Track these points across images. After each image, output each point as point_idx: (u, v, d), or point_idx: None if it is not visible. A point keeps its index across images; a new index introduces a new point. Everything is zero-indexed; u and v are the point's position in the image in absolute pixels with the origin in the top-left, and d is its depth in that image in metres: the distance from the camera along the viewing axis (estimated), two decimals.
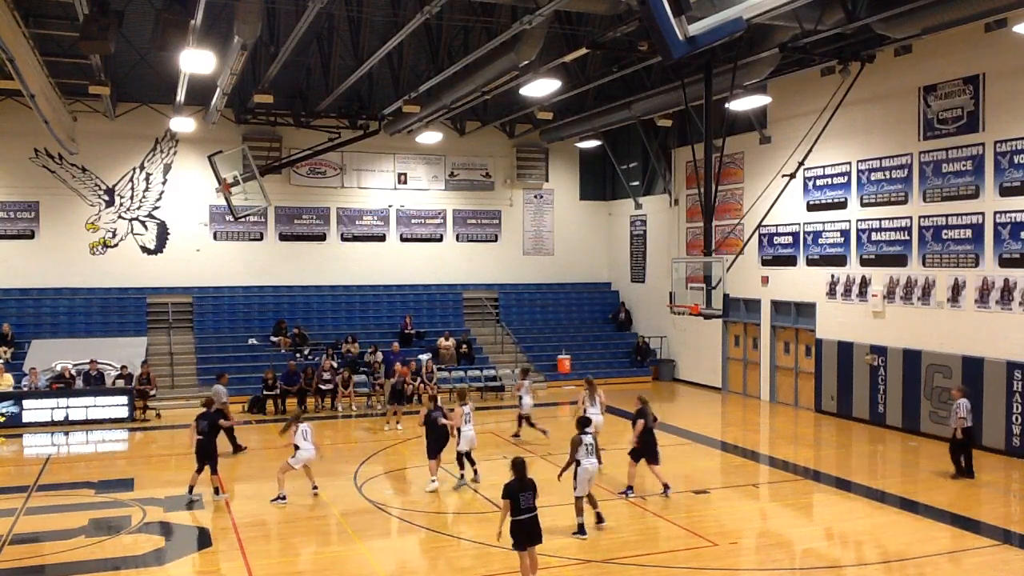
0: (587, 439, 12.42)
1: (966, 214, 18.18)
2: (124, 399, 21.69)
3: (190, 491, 14.26)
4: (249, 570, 11.08)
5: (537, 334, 29.18)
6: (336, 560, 11.59)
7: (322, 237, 28.46)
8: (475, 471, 15.32)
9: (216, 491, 14.40)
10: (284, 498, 14.08)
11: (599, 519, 12.63)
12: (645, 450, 14.41)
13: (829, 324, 21.74)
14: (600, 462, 12.67)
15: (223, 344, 26.06)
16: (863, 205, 20.71)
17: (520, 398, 18.89)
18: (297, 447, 14.18)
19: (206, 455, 14.26)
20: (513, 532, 10.08)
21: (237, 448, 18.03)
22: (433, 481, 14.92)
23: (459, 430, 15.13)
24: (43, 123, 19.78)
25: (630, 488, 14.37)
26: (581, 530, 12.21)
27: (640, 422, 14.38)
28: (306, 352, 25.32)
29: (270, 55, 20.10)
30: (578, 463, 12.25)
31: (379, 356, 24.69)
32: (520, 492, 10.09)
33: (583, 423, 12.70)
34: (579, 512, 12.27)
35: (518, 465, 10.30)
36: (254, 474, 16.38)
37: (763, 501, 14.75)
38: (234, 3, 14.73)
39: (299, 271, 28.16)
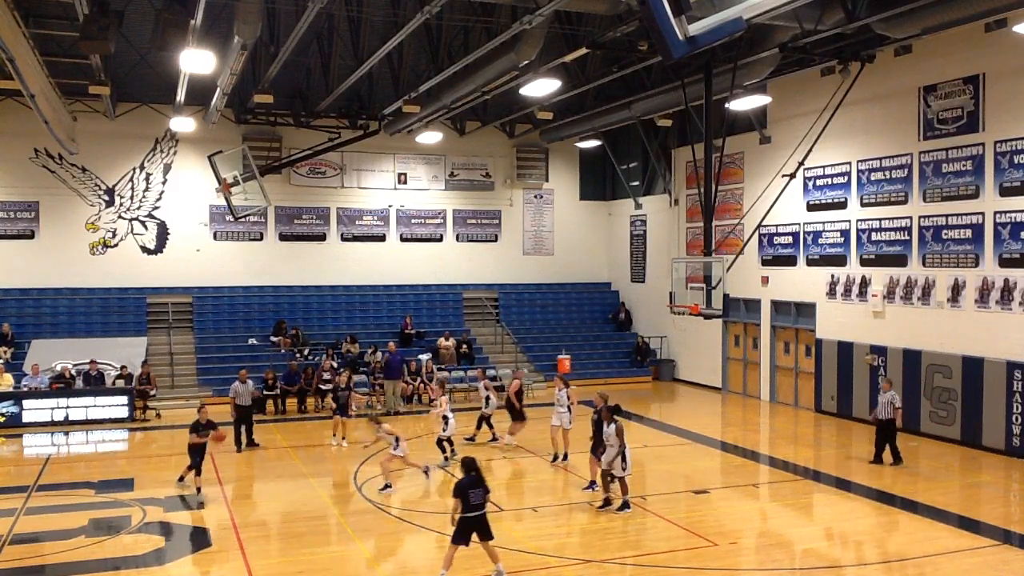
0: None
1: (966, 214, 18.18)
2: (124, 399, 21.69)
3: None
4: (249, 570, 11.08)
5: (537, 334, 29.18)
6: (336, 560, 11.59)
7: (322, 237, 28.47)
8: (452, 450, 16.96)
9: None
10: (428, 470, 15.37)
11: (609, 502, 13.55)
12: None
13: (829, 324, 21.74)
14: None
15: (223, 344, 26.06)
16: (863, 205, 20.71)
17: (487, 399, 18.50)
18: (446, 417, 16.62)
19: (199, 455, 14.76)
20: (460, 527, 10.48)
21: (251, 444, 18.27)
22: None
23: (446, 417, 16.71)
24: (43, 123, 19.77)
25: (593, 483, 14.79)
26: (627, 505, 13.39)
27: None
28: (306, 352, 25.33)
29: (270, 55, 20.10)
30: (625, 447, 13.32)
31: (379, 356, 24.72)
32: (470, 489, 10.41)
33: (617, 410, 13.69)
34: (626, 491, 13.43)
35: (468, 464, 10.71)
36: (255, 474, 16.38)
37: (763, 501, 14.75)
38: (234, 3, 14.73)
39: (299, 271, 28.17)
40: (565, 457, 16.66)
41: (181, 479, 15.11)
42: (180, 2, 14.82)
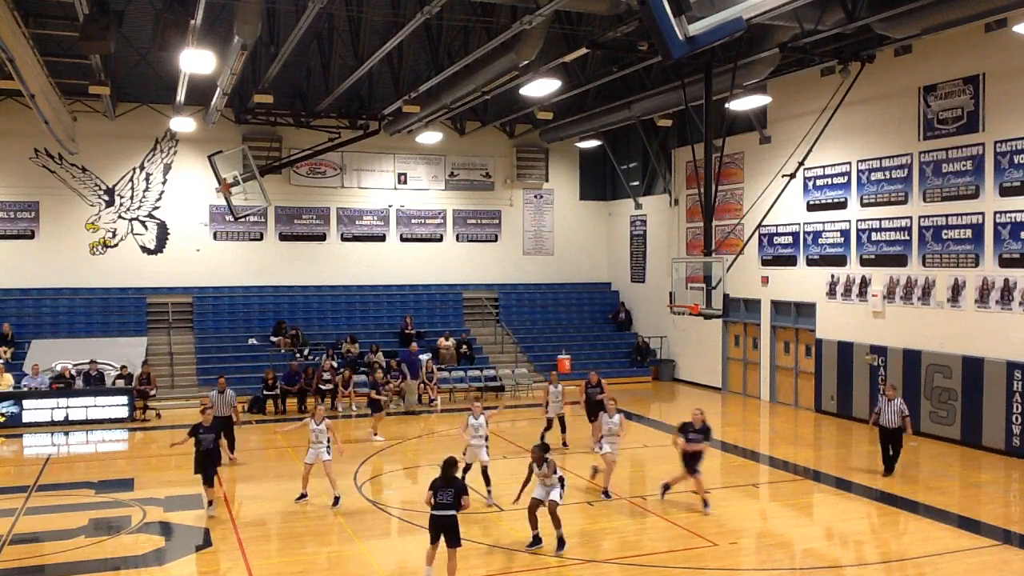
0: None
1: (966, 214, 18.18)
2: (124, 399, 21.70)
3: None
4: (249, 570, 11.08)
5: (537, 334, 29.18)
6: (336, 560, 11.59)
7: (322, 237, 28.47)
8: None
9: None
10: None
11: (537, 540, 11.97)
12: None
13: (829, 324, 21.74)
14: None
15: (223, 344, 26.06)
16: (863, 205, 20.71)
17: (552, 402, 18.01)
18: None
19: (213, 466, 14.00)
20: (429, 526, 10.47)
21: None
22: None
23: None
24: (43, 123, 19.79)
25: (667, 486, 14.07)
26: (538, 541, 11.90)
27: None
28: (306, 352, 25.32)
29: (270, 55, 20.09)
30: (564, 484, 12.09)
31: (380, 356, 24.73)
32: (440, 489, 10.33)
33: (547, 448, 12.23)
34: (559, 524, 11.92)
35: (445, 463, 10.59)
36: (255, 474, 16.37)
37: (763, 501, 14.75)
38: (234, 3, 14.72)
39: (299, 271, 28.17)
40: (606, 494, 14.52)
41: (211, 503, 13.59)
42: (180, 2, 14.83)
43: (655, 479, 15.84)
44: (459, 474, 11.51)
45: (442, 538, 10.36)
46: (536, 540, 11.82)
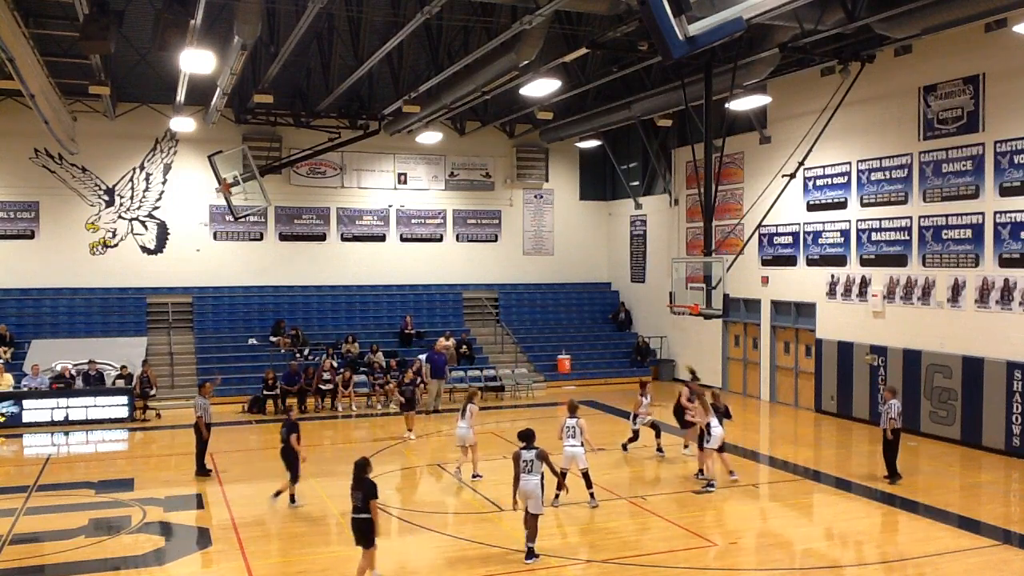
0: (526, 455, 11.35)
1: (966, 214, 18.18)
2: (124, 399, 21.70)
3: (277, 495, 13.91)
4: (249, 570, 11.08)
5: (537, 334, 29.18)
6: (336, 560, 11.58)
7: (322, 237, 28.47)
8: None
9: (291, 498, 13.96)
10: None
11: (530, 553, 11.32)
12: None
13: (829, 324, 21.74)
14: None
15: (223, 344, 26.06)
16: (863, 205, 20.72)
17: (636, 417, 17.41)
18: (711, 425, 14.73)
19: (286, 462, 13.99)
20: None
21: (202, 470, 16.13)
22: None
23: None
24: (43, 123, 19.79)
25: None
26: (530, 554, 11.21)
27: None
28: (306, 352, 25.33)
29: (270, 55, 20.08)
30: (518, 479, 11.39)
31: (380, 356, 24.70)
32: (353, 491, 10.28)
33: (525, 437, 11.59)
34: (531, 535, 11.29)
35: (356, 466, 10.38)
36: (254, 474, 16.36)
37: (763, 501, 14.75)
38: (234, 3, 14.72)
39: (299, 271, 28.16)
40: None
41: (279, 494, 13.84)
42: (180, 2, 14.82)
43: (655, 479, 15.85)
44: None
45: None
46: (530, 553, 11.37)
